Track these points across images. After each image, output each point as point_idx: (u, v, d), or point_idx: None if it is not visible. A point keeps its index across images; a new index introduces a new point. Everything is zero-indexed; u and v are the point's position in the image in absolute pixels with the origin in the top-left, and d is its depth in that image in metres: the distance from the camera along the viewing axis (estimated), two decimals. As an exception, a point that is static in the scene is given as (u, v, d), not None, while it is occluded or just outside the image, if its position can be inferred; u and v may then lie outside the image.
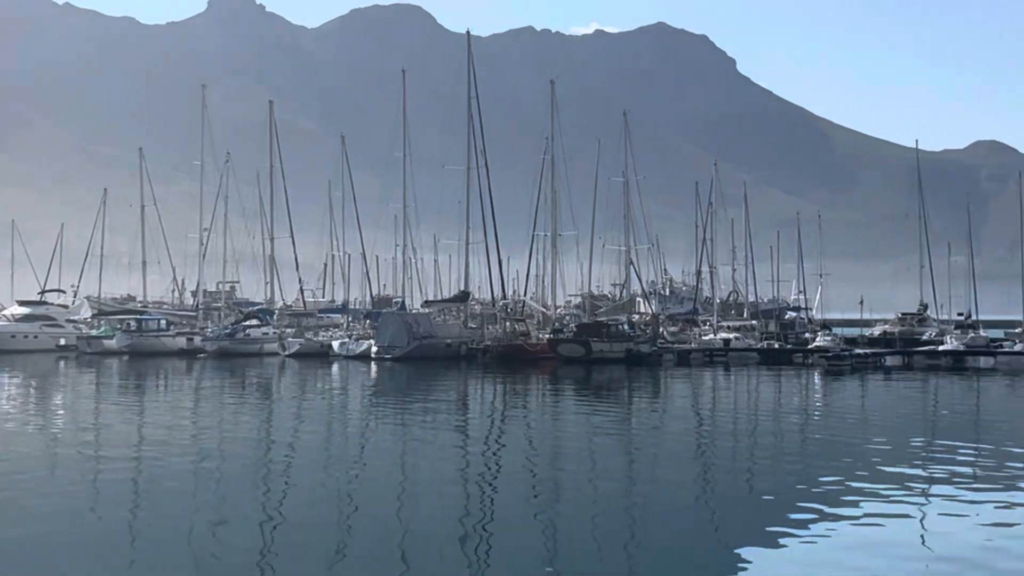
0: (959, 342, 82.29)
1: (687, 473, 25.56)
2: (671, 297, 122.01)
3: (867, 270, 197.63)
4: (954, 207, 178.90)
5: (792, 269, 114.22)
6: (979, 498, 21.54)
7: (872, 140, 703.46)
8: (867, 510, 20.17)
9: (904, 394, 52.98)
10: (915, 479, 23.87)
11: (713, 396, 52.12)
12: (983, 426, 38.76)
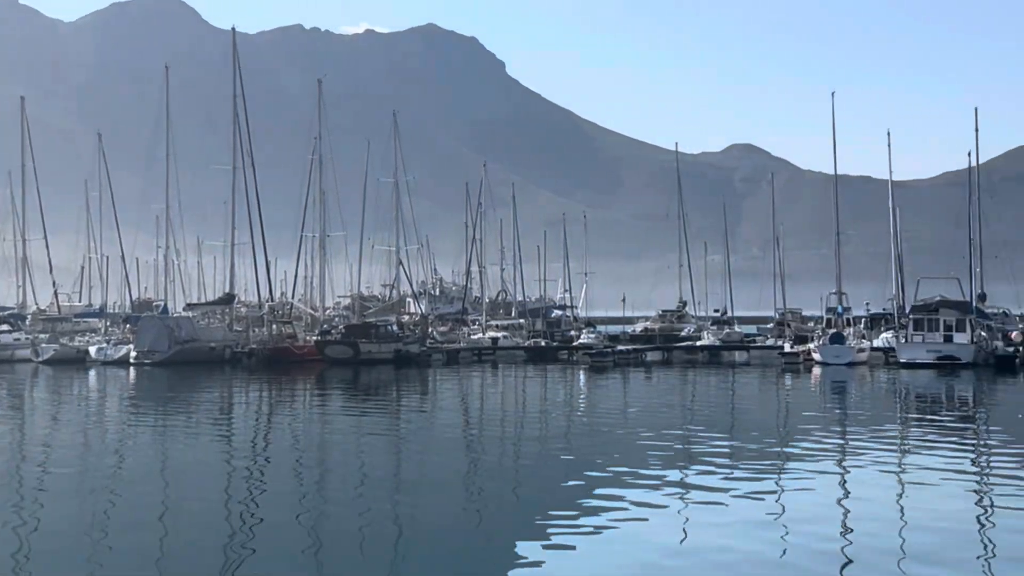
0: (715, 338, 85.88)
1: (454, 472, 25.63)
2: (441, 297, 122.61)
3: (630, 269, 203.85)
4: (711, 207, 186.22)
5: (559, 268, 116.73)
6: (735, 487, 22.35)
7: (635, 142, 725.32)
8: (632, 500, 20.70)
9: (663, 388, 54.87)
10: (674, 469, 24.63)
11: (481, 395, 52.69)
12: (738, 417, 40.50)
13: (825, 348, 68.64)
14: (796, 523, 18.85)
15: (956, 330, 68.03)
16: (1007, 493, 22.06)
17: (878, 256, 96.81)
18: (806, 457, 27.29)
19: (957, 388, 52.98)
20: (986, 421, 38.81)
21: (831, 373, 61.99)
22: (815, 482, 23.39)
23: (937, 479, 23.64)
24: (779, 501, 21.05)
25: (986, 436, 33.40)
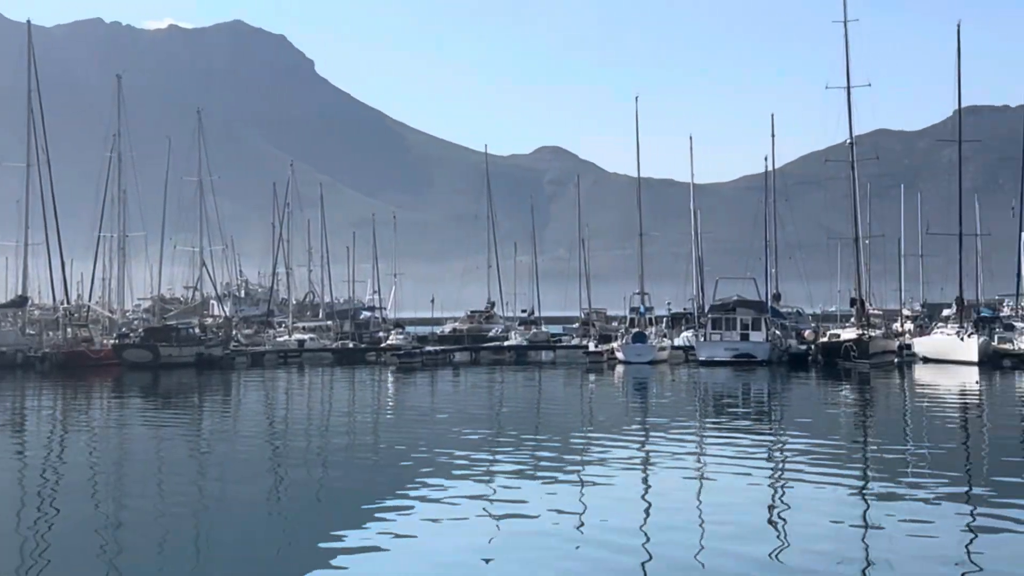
0: (522, 338, 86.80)
1: (255, 478, 25.08)
2: (246, 299, 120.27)
3: (439, 269, 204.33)
4: (520, 208, 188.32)
5: (368, 269, 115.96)
6: (535, 485, 22.57)
7: (445, 143, 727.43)
8: (436, 499, 20.65)
9: (470, 388, 55.06)
10: (479, 468, 24.68)
11: (287, 397, 51.86)
12: (542, 416, 40.93)
13: (628, 347, 70.09)
14: (595, 518, 19.10)
15: (752, 329, 70.48)
16: (799, 481, 23.00)
17: (680, 257, 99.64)
18: (606, 453, 27.71)
19: (753, 385, 54.83)
20: (780, 416, 40.26)
21: (633, 371, 63.35)
22: (615, 476, 23.78)
23: (732, 472, 24.38)
24: (580, 499, 21.26)
25: (779, 430, 34.60)
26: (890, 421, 38.33)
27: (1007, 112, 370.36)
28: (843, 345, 66.50)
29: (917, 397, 47.92)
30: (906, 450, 29.06)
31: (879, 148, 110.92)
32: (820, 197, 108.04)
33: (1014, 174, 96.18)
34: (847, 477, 23.71)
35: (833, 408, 43.57)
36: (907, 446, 30.15)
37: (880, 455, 28.07)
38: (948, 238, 75.68)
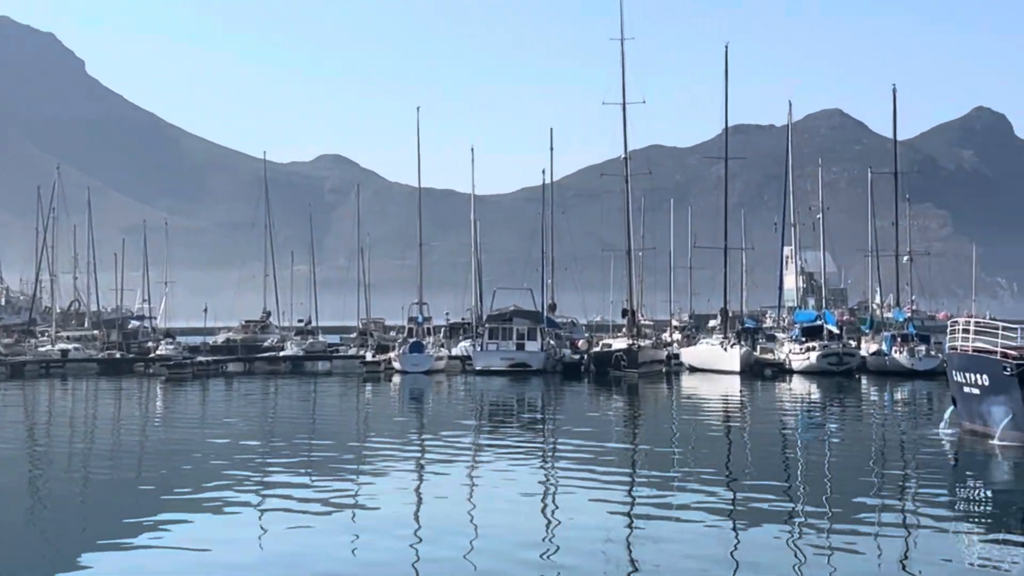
0: (299, 347, 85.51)
1: (15, 488, 23.80)
2: (7, 307, 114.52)
3: (214, 278, 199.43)
4: (299, 216, 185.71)
5: (138, 277, 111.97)
6: (309, 496, 22.14)
7: (223, 149, 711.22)
8: (201, 510, 20.07)
9: (243, 399, 53.84)
10: (248, 481, 24.08)
11: (49, 409, 49.57)
12: (317, 426, 40.37)
13: (405, 356, 69.95)
14: (368, 524, 19.09)
15: (528, 338, 71.44)
16: (569, 485, 23.47)
17: (459, 267, 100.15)
18: (381, 461, 27.54)
19: (527, 393, 55.54)
20: (552, 423, 40.85)
21: (410, 381, 63.23)
22: (389, 484, 23.69)
23: (504, 477, 24.71)
24: (355, 506, 21.12)
25: (551, 436, 35.07)
26: (656, 427, 39.47)
27: (772, 131, 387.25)
28: (614, 355, 68.12)
29: (681, 404, 49.56)
30: (671, 454, 29.92)
31: (652, 163, 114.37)
32: (596, 210, 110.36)
33: (777, 191, 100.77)
34: (615, 482, 24.21)
35: (602, 415, 44.55)
36: (672, 450, 31.04)
37: (646, 460, 28.85)
38: (715, 251, 78.60)
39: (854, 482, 24.63)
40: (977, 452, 28.94)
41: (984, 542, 17.99)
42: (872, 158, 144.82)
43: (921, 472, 26.19)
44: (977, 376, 30.47)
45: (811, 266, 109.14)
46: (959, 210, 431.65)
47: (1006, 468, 26.82)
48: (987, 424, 30.08)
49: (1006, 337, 30.44)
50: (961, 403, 32.12)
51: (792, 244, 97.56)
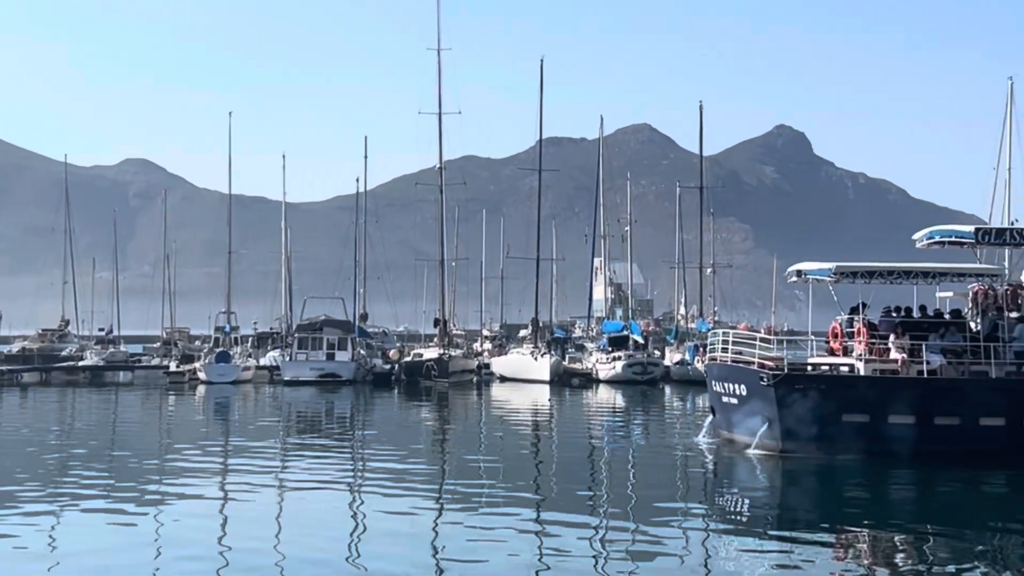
0: (99, 357, 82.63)
1: None
2: None
3: (11, 285, 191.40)
4: (102, 222, 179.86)
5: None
6: (108, 511, 21.43)
7: (21, 151, 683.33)
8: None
9: (39, 411, 51.65)
10: (44, 497, 23.05)
11: None
12: (118, 436, 38.97)
13: (211, 367, 68.37)
14: (172, 538, 18.73)
15: (339, 348, 70.76)
16: (376, 494, 23.52)
17: (269, 275, 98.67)
18: (180, 477, 26.75)
19: (336, 403, 55.00)
20: (360, 433, 40.56)
21: (216, 391, 61.79)
22: (188, 500, 23.06)
23: (309, 487, 24.56)
24: (156, 520, 20.55)
25: (359, 448, 34.78)
26: (464, 437, 39.60)
27: (584, 144, 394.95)
28: (425, 364, 68.18)
29: (491, 414, 49.90)
30: (478, 462, 30.06)
31: (467, 174, 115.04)
32: (410, 219, 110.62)
33: (588, 203, 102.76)
34: (422, 493, 24.17)
35: (411, 425, 44.49)
36: (478, 458, 31.20)
37: (454, 469, 28.87)
38: (527, 262, 79.57)
39: (608, 491, 25.12)
40: (734, 461, 29.69)
41: (739, 551, 18.43)
42: (679, 173, 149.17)
43: (677, 482, 27.07)
44: (735, 386, 31.09)
45: (619, 277, 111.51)
46: (760, 224, 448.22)
47: (761, 477, 27.55)
48: (744, 434, 30.75)
49: (764, 348, 31.32)
50: (720, 413, 32.63)
51: (602, 255, 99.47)
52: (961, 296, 33.31)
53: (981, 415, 28.89)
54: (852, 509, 23.25)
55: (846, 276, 31.87)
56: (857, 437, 28.72)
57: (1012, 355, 29.88)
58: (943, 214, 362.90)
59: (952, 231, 32.43)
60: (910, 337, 29.85)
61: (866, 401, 28.94)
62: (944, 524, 21.11)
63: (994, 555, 18.76)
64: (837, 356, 31.25)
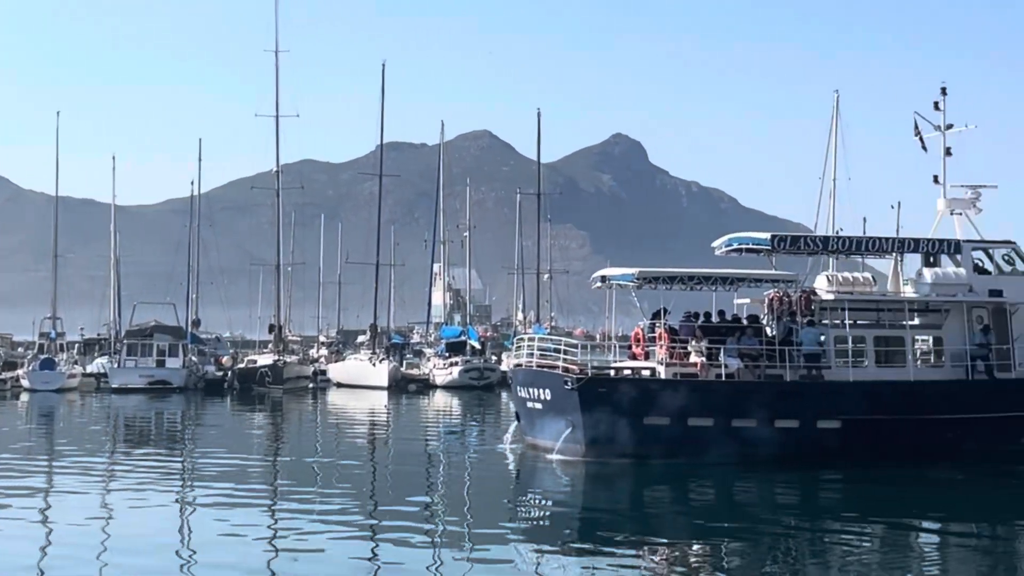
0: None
1: None
2: None
3: None
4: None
5: None
6: None
7: None
8: None
9: None
10: None
11: None
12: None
13: (34, 374, 65.83)
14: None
15: (169, 355, 69.01)
16: (207, 503, 23.23)
17: (97, 280, 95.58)
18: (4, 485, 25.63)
19: (165, 411, 53.62)
20: (190, 441, 39.60)
21: (40, 399, 59.53)
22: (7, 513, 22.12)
23: (136, 502, 23.85)
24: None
25: (189, 457, 33.94)
26: (298, 444, 39.08)
27: (424, 149, 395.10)
28: (259, 371, 67.09)
29: (326, 420, 49.38)
30: (311, 470, 29.72)
31: (305, 178, 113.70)
32: (246, 223, 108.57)
33: (429, 208, 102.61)
34: (254, 504, 23.79)
35: (244, 433, 43.68)
36: (312, 464, 30.87)
37: (287, 477, 28.57)
38: (365, 267, 78.99)
39: (413, 495, 25.20)
40: (537, 466, 29.99)
41: (539, 553, 18.72)
42: (519, 179, 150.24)
43: (480, 487, 27.35)
44: (540, 391, 31.16)
45: (458, 283, 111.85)
46: (597, 231, 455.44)
47: (563, 481, 27.96)
48: (548, 438, 30.62)
49: (569, 353, 31.58)
50: (524, 418, 32.54)
51: (441, 261, 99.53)
52: (758, 302, 34.02)
53: (777, 417, 29.77)
54: (653, 511, 23.87)
55: (648, 282, 32.31)
56: (658, 440, 29.26)
57: (802, 358, 30.79)
58: (772, 222, 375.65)
59: (749, 238, 33.28)
60: (709, 341, 30.64)
61: (667, 404, 29.42)
62: (739, 522, 22.05)
63: (785, 553, 19.56)
64: (639, 360, 31.78)
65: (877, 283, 34.41)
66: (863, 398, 30.51)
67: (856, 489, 27.45)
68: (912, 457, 29.50)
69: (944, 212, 35.28)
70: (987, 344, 31.82)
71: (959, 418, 30.63)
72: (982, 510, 24.44)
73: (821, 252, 33.73)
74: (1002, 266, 33.79)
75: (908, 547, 20.23)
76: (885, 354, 32.02)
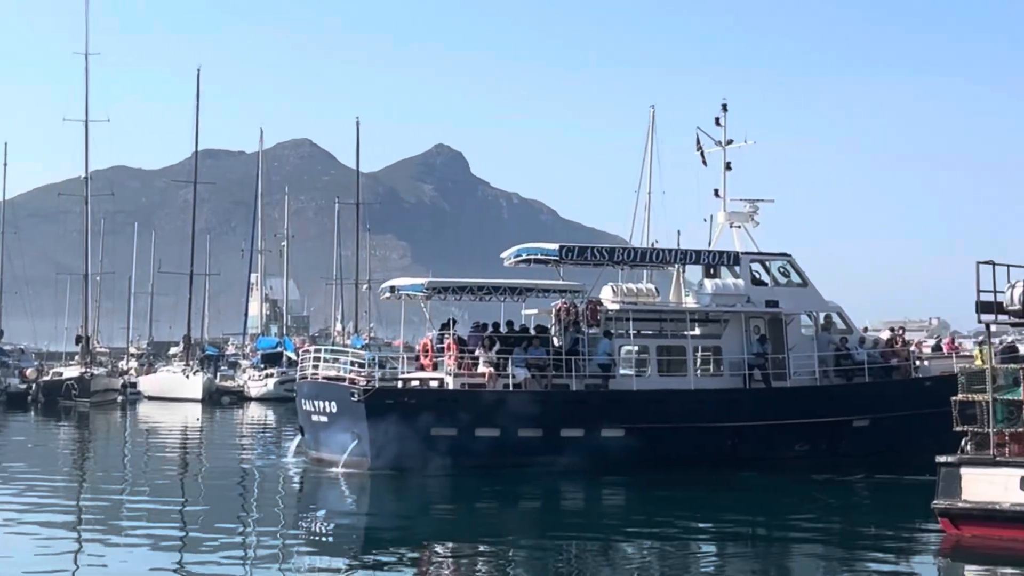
0: None
1: None
2: None
3: None
4: None
5: None
6: None
7: None
8: None
9: None
10: None
11: None
12: None
13: None
14: None
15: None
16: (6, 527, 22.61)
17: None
18: None
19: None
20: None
21: None
22: None
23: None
24: None
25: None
26: (104, 460, 38.68)
27: (242, 157, 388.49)
28: (65, 384, 65.69)
29: (134, 435, 48.82)
30: (116, 488, 29.62)
31: (116, 185, 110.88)
32: (53, 231, 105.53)
33: (246, 217, 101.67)
34: (56, 522, 23.25)
35: (48, 448, 42.84)
36: (121, 478, 30.77)
37: (91, 494, 28.35)
38: (179, 277, 78.02)
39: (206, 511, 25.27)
40: (322, 480, 29.89)
41: (321, 571, 18.89)
42: (339, 189, 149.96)
43: (262, 501, 27.40)
44: (326, 403, 30.92)
45: (276, 293, 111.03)
46: (418, 241, 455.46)
47: (348, 495, 28.02)
48: (334, 451, 30.40)
49: (356, 363, 31.89)
50: (309, 432, 32.17)
51: (258, 271, 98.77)
52: (546, 312, 34.54)
53: (563, 427, 30.41)
54: (439, 523, 24.12)
55: (438, 292, 32.72)
56: (446, 451, 29.43)
57: (595, 368, 31.45)
58: (589, 233, 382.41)
59: (538, 249, 33.68)
60: (497, 352, 30.99)
61: (454, 415, 29.67)
62: (524, 530, 22.76)
63: (568, 558, 20.43)
64: (428, 371, 31.91)
65: (660, 294, 35.66)
66: (645, 407, 31.22)
67: (638, 496, 28.20)
68: (693, 464, 30.17)
69: (724, 225, 36.62)
70: (764, 353, 33.10)
71: (737, 425, 31.74)
72: (758, 513, 25.45)
73: (607, 263, 33.99)
74: (778, 278, 35.26)
75: (685, 551, 20.92)
76: (667, 363, 32.91)
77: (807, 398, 33.26)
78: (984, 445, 20.60)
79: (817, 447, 32.77)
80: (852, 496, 28.60)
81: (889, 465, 30.73)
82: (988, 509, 20.19)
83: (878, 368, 34.52)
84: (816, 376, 33.85)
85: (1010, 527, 19.89)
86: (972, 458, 20.64)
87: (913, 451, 29.71)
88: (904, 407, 33.06)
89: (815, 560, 20.45)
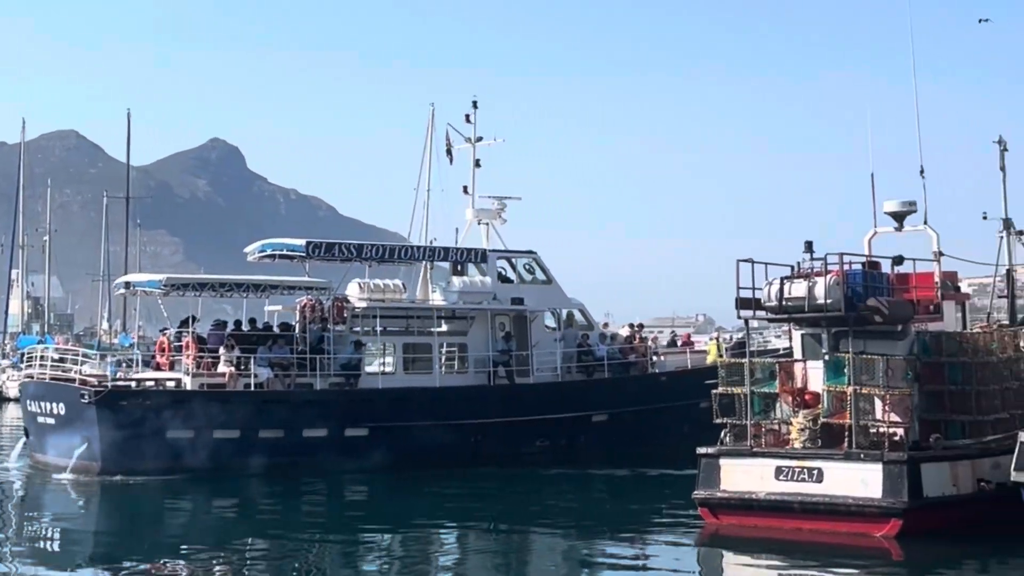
0: None
1: None
2: None
3: None
4: None
5: None
6: None
7: None
8: None
9: None
10: None
11: None
12: None
13: None
14: None
15: None
16: None
17: None
18: None
19: None
20: None
21: None
22: None
23: None
24: None
25: None
26: None
27: (4, 148, 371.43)
28: None
29: None
30: None
31: None
32: None
33: (7, 211, 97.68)
34: None
35: None
36: None
37: None
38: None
39: None
40: (47, 486, 28.76)
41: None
42: (108, 182, 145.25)
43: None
44: (54, 405, 29.72)
45: (38, 291, 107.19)
46: (191, 237, 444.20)
47: (78, 501, 27.13)
48: (61, 455, 29.34)
49: (88, 364, 31.26)
50: (35, 434, 30.96)
51: (19, 267, 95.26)
52: (290, 309, 34.17)
53: (306, 427, 30.15)
54: (172, 530, 23.50)
55: (176, 288, 32.32)
56: (182, 454, 28.83)
57: (338, 367, 31.27)
58: (369, 231, 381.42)
59: (283, 244, 33.46)
60: (240, 350, 30.47)
61: (192, 417, 28.88)
62: (262, 534, 22.67)
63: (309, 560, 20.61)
64: (164, 371, 31.15)
65: (407, 291, 35.47)
66: (390, 405, 31.22)
67: (382, 495, 28.45)
68: (437, 461, 30.29)
69: (472, 222, 37.02)
70: (508, 351, 33.70)
71: (480, 423, 32.00)
72: (502, 506, 26.31)
73: (355, 259, 33.64)
74: (524, 275, 35.97)
75: (425, 550, 21.51)
76: (413, 361, 33.01)
77: (548, 394, 33.92)
78: (742, 437, 21.51)
79: (557, 443, 33.34)
80: (616, 488, 29.25)
81: (639, 460, 31.22)
82: (745, 498, 21.04)
83: (617, 364, 35.41)
84: (558, 372, 34.58)
85: (765, 516, 20.81)
86: (730, 449, 21.53)
87: (650, 446, 31.21)
88: (640, 402, 34.05)
89: (575, 551, 21.03)
